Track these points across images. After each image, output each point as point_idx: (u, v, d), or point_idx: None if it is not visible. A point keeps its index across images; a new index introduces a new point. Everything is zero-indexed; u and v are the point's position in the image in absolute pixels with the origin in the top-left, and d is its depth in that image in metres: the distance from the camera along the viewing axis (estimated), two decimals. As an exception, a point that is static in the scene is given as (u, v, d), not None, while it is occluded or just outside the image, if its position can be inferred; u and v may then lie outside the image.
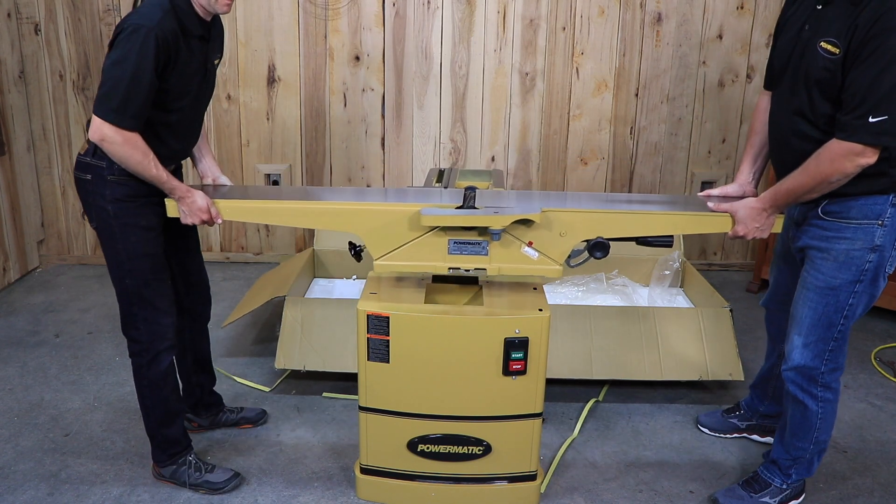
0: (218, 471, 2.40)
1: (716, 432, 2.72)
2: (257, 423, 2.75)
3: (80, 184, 2.20)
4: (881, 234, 1.98)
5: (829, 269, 2.03)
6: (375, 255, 2.15)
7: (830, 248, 2.02)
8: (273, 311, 3.60)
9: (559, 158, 4.35)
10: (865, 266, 2.01)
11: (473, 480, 2.29)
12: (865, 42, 1.78)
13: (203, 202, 2.15)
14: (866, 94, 1.79)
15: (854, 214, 1.99)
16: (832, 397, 2.17)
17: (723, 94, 4.28)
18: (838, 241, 2.01)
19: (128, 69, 1.97)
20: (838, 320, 2.07)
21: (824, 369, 2.12)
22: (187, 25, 2.09)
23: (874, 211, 1.97)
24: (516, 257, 2.12)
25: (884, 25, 1.75)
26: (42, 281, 4.17)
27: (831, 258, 2.02)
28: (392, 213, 2.12)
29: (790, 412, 2.23)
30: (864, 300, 2.07)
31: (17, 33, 4.02)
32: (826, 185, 1.91)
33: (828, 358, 2.11)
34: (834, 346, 2.10)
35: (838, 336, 2.09)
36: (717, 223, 2.14)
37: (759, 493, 2.30)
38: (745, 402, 2.70)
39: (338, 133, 4.29)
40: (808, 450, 2.24)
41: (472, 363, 2.16)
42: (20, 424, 2.75)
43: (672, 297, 3.69)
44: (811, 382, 2.14)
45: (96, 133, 2.00)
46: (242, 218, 2.24)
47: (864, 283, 2.03)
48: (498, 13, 4.11)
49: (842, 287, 2.03)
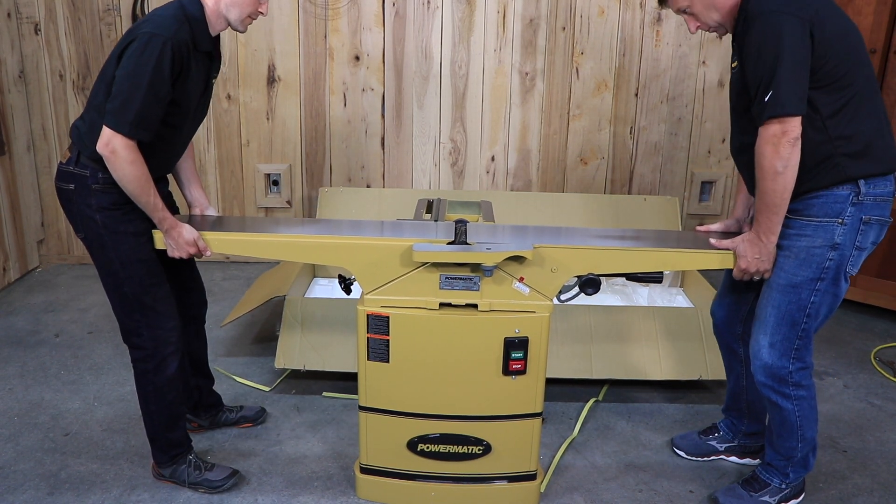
0: (217, 469, 2.40)
1: (692, 456, 2.60)
2: (257, 422, 2.75)
3: (62, 194, 2.15)
4: (841, 232, 2.03)
5: (791, 267, 2.07)
6: (366, 289, 2.14)
7: (792, 245, 2.07)
8: (273, 311, 3.60)
9: (559, 158, 4.35)
10: (826, 264, 2.05)
11: (473, 480, 2.29)
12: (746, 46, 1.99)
13: (190, 235, 2.13)
14: (753, 81, 1.97)
15: (815, 212, 2.04)
16: (805, 394, 2.19)
17: (722, 94, 4.28)
18: (799, 238, 2.06)
19: (144, 80, 1.95)
20: (801, 318, 2.10)
21: (792, 368, 2.15)
22: (199, 39, 2.08)
23: (834, 209, 2.02)
24: (508, 293, 2.12)
25: (749, 24, 1.97)
26: (42, 281, 4.17)
27: (793, 255, 2.07)
28: (383, 248, 2.11)
29: (770, 415, 2.26)
30: (828, 300, 2.10)
31: (17, 33, 4.02)
32: (781, 178, 1.95)
33: (794, 356, 2.14)
34: (799, 344, 2.13)
35: (802, 335, 2.12)
36: (708, 260, 2.17)
37: (759, 493, 2.30)
38: (724, 424, 2.61)
39: (338, 133, 4.29)
40: (798, 448, 2.25)
41: (472, 363, 2.16)
42: (20, 424, 2.75)
43: (672, 297, 3.70)
44: (782, 383, 2.16)
45: (107, 147, 1.97)
46: (234, 251, 2.21)
47: (826, 281, 2.07)
48: (498, 13, 4.11)
49: (803, 285, 2.07)
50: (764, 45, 1.92)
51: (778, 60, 1.89)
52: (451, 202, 2.59)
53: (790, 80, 1.89)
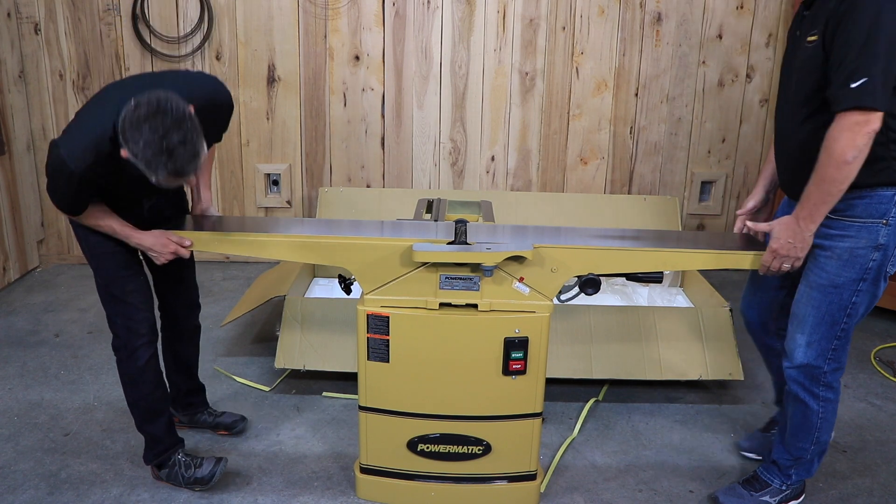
0: (205, 464, 2.38)
1: (763, 454, 2.56)
2: (233, 430, 2.68)
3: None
4: (885, 232, 1.99)
5: (834, 268, 2.04)
6: (366, 289, 2.14)
7: (835, 245, 2.03)
8: (273, 311, 3.60)
9: (559, 158, 4.35)
10: (869, 264, 2.02)
11: (473, 480, 2.29)
12: (838, 22, 1.86)
13: (157, 239, 2.15)
14: (842, 63, 1.85)
15: (859, 213, 2.00)
16: (833, 397, 2.18)
17: (722, 93, 4.28)
18: (843, 238, 2.02)
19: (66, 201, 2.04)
20: (841, 318, 2.08)
21: (827, 368, 2.13)
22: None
23: (879, 210, 1.98)
24: (508, 293, 2.12)
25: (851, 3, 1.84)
26: (42, 280, 4.17)
27: (835, 256, 2.03)
28: (383, 248, 2.11)
29: (791, 412, 2.24)
30: (867, 300, 2.08)
31: (17, 33, 4.02)
32: (847, 168, 1.88)
33: (831, 357, 2.12)
34: (837, 344, 2.11)
35: (841, 335, 2.10)
36: (706, 260, 2.16)
37: (760, 492, 2.30)
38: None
39: (338, 133, 4.29)
40: (809, 450, 2.24)
41: (471, 363, 2.16)
42: (20, 424, 2.75)
43: (672, 297, 3.70)
44: (813, 382, 2.15)
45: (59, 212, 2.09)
46: (234, 251, 2.22)
47: (868, 281, 2.04)
48: (498, 13, 4.11)
49: (845, 285, 2.04)
50: (862, 25, 1.80)
51: (876, 46, 1.79)
52: (451, 202, 2.59)
53: (886, 71, 1.80)
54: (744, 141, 4.38)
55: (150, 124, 1.78)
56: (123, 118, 1.81)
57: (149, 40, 4.08)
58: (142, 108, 1.79)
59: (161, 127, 1.78)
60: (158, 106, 1.79)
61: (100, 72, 4.12)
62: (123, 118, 1.81)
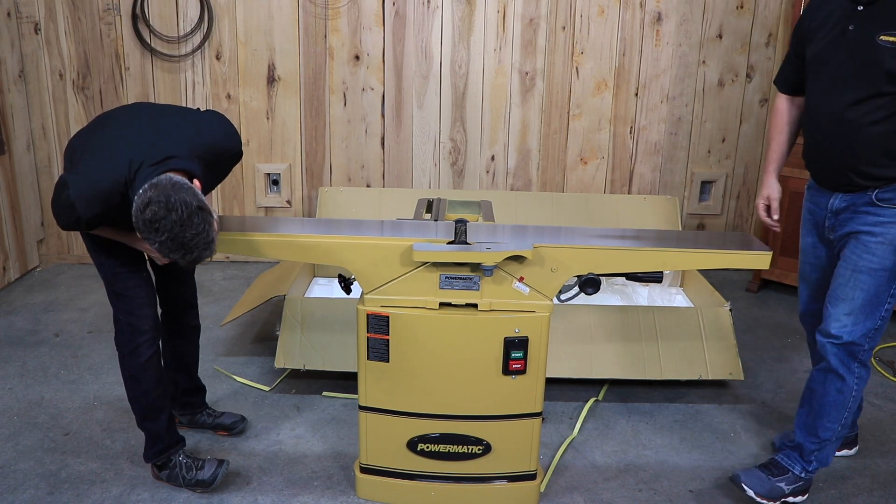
0: (206, 466, 2.38)
1: None
2: (232, 431, 2.68)
3: None
4: None
5: (885, 252, 2.15)
6: (366, 288, 2.14)
7: (885, 232, 2.15)
8: (273, 311, 3.60)
9: (559, 158, 4.35)
10: None
11: (473, 480, 2.29)
12: None
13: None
14: None
15: None
16: (866, 375, 2.28)
17: (722, 93, 4.28)
18: (893, 225, 2.14)
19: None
20: (885, 300, 2.20)
21: (867, 347, 2.24)
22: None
23: None
24: (507, 292, 2.12)
25: None
26: (42, 280, 4.17)
27: (887, 241, 2.15)
28: (383, 248, 2.11)
29: (824, 391, 2.29)
30: None
31: (17, 33, 4.02)
32: None
33: (871, 335, 2.23)
34: (880, 324, 2.23)
35: (885, 315, 2.22)
36: (706, 260, 2.19)
37: (777, 478, 2.34)
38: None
39: (337, 132, 4.29)
40: (836, 431, 2.29)
41: (471, 362, 2.16)
42: (20, 424, 2.75)
43: (672, 297, 3.70)
44: (851, 357, 2.24)
45: None
46: (231, 251, 2.20)
47: None
48: (498, 13, 4.11)
49: (894, 269, 2.17)
50: None
51: None
52: (451, 202, 2.59)
53: None
54: (744, 141, 4.38)
55: (163, 224, 1.87)
56: (136, 211, 1.89)
57: (149, 40, 4.08)
58: (153, 206, 1.87)
59: (175, 226, 1.87)
60: (168, 204, 1.86)
61: (100, 71, 4.12)
62: (136, 211, 1.89)
